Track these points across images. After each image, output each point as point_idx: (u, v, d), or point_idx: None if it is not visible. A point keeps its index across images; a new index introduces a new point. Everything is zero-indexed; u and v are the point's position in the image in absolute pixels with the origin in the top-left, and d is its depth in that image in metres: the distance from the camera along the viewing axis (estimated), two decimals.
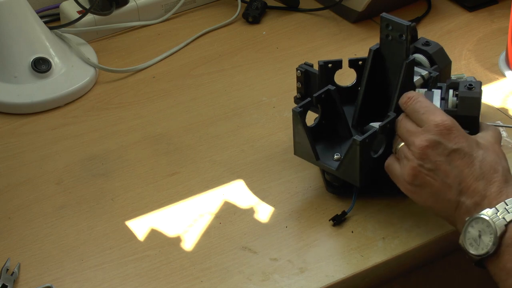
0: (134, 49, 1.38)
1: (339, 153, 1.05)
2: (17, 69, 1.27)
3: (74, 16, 1.37)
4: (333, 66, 1.10)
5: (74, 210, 1.09)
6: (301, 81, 1.12)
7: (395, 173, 0.97)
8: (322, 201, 1.08)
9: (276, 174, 1.12)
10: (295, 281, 0.98)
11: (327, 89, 1.06)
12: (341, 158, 1.04)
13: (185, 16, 1.45)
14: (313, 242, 1.03)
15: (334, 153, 1.05)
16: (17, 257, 1.02)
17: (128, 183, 1.12)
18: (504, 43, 1.32)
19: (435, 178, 0.92)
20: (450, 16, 1.42)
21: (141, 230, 1.06)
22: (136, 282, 0.99)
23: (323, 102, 1.06)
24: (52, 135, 1.21)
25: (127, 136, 1.20)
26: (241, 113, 1.24)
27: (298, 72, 1.11)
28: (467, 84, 1.03)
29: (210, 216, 1.07)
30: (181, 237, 1.04)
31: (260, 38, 1.40)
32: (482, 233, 0.86)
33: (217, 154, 1.16)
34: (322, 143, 1.07)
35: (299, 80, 1.12)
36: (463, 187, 0.90)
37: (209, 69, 1.33)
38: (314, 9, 1.45)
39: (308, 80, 1.11)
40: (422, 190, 0.94)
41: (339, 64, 1.10)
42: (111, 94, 1.29)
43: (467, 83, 1.03)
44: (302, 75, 1.11)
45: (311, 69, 1.11)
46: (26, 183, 1.13)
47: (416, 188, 0.94)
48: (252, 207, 1.08)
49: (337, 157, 1.05)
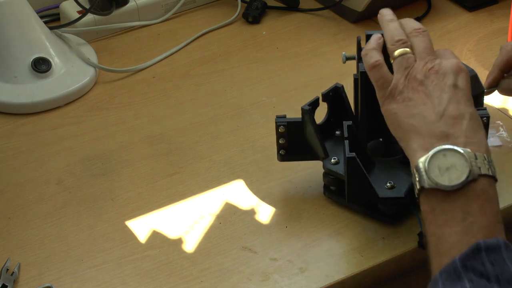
0: (134, 49, 1.38)
1: (391, 181, 1.02)
2: (17, 69, 1.27)
3: (74, 16, 1.37)
4: (313, 106, 1.05)
5: (74, 210, 1.09)
6: (285, 136, 1.06)
7: (382, 74, 0.93)
8: (322, 201, 1.08)
9: (276, 174, 1.12)
10: (295, 281, 0.98)
11: (334, 86, 1.06)
12: (394, 185, 1.02)
13: (185, 16, 1.45)
14: (313, 242, 1.03)
15: (376, 184, 1.02)
16: (17, 257, 1.02)
17: (128, 183, 1.12)
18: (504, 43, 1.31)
19: (427, 97, 0.89)
20: (450, 16, 1.42)
21: (141, 230, 1.06)
22: (136, 282, 0.99)
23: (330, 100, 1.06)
24: (52, 135, 1.21)
25: (127, 136, 1.20)
26: (241, 113, 1.24)
27: (281, 128, 1.05)
28: None
29: (210, 216, 1.07)
30: (181, 237, 1.04)
31: (260, 38, 1.40)
32: (452, 168, 0.85)
33: (217, 154, 1.16)
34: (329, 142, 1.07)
35: (282, 136, 1.06)
36: (448, 117, 0.87)
37: (209, 69, 1.33)
38: (314, 9, 1.45)
39: (289, 131, 1.06)
40: (403, 103, 0.90)
41: (317, 102, 1.06)
42: (111, 94, 1.29)
43: None
44: (286, 129, 1.05)
45: (293, 119, 1.05)
46: (26, 183, 1.13)
47: (398, 97, 0.91)
48: (252, 207, 1.08)
49: (390, 185, 1.02)
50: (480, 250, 0.81)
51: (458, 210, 0.83)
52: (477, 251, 0.80)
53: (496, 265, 0.80)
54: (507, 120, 1.19)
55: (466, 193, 0.84)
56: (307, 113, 1.03)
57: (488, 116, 1.03)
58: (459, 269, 0.80)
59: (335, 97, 1.07)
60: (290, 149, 1.07)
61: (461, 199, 0.84)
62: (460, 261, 0.80)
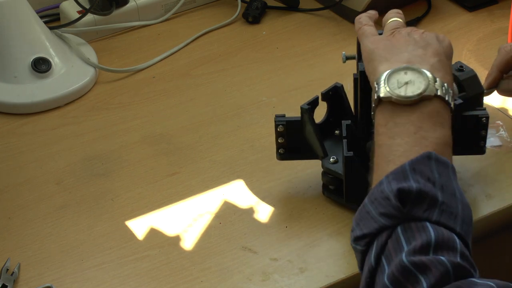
0: (134, 49, 1.38)
1: None
2: (17, 69, 1.27)
3: (74, 16, 1.37)
4: (312, 105, 1.05)
5: (74, 210, 1.09)
6: (284, 135, 1.06)
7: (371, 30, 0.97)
8: (322, 201, 1.08)
9: (276, 174, 1.12)
10: (295, 281, 0.98)
11: (334, 86, 1.06)
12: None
13: (185, 16, 1.45)
14: (313, 242, 1.03)
15: None
16: (17, 257, 1.02)
17: (128, 183, 1.12)
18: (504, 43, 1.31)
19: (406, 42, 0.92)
20: (450, 16, 1.42)
21: (141, 230, 1.06)
22: (136, 282, 0.99)
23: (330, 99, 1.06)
24: (52, 135, 1.21)
25: (127, 136, 1.20)
26: (241, 113, 1.24)
27: (280, 127, 1.05)
28: (456, 67, 1.05)
29: (210, 216, 1.07)
30: (181, 237, 1.04)
31: (260, 38, 1.40)
32: (411, 83, 0.87)
33: (217, 154, 1.16)
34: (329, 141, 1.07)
35: (281, 135, 1.06)
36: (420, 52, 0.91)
37: (209, 69, 1.33)
38: (314, 9, 1.45)
39: (288, 130, 1.06)
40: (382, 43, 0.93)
41: (317, 101, 1.06)
42: (111, 94, 1.29)
43: (456, 66, 1.06)
44: (285, 128, 1.05)
45: (292, 118, 1.05)
46: (26, 183, 1.13)
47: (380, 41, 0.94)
48: (252, 207, 1.08)
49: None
50: (431, 158, 0.82)
51: (411, 124, 0.85)
52: (428, 158, 0.82)
53: (443, 176, 0.82)
54: (507, 120, 1.19)
55: (420, 109, 0.86)
56: (306, 112, 1.04)
57: (487, 116, 1.03)
58: (408, 172, 0.81)
59: (335, 96, 1.07)
60: (289, 148, 1.07)
61: (415, 114, 0.86)
62: (410, 165, 0.81)
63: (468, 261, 0.77)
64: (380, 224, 0.80)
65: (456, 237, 0.79)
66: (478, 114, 1.03)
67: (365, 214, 0.82)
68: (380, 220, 0.80)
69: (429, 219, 0.79)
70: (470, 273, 0.76)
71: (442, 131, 0.85)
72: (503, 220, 1.08)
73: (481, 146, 1.05)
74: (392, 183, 0.80)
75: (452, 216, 0.80)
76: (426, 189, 0.80)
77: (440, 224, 0.79)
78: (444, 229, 0.78)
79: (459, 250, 0.77)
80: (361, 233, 0.81)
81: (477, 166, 1.12)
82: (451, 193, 0.81)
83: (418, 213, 0.79)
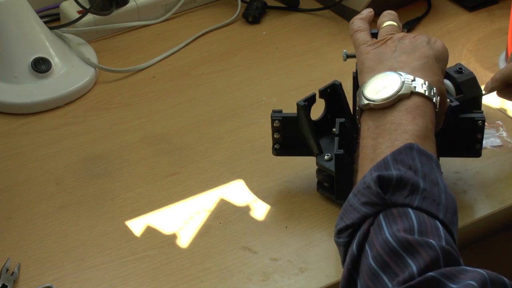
0: (134, 49, 1.38)
1: None
2: (17, 69, 1.27)
3: (74, 16, 1.37)
4: (308, 102, 1.06)
5: (74, 210, 1.09)
6: (279, 130, 1.06)
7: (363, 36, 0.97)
8: (322, 201, 1.08)
9: (276, 174, 1.12)
10: (295, 281, 0.98)
11: (332, 83, 1.06)
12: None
13: (185, 16, 1.45)
14: (313, 242, 1.03)
15: None
16: (17, 257, 1.02)
17: (128, 183, 1.12)
18: (504, 43, 1.32)
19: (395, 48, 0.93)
20: (450, 16, 1.42)
21: (141, 230, 1.06)
22: (136, 282, 0.99)
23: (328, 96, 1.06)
24: (52, 135, 1.21)
25: (127, 136, 1.20)
26: (241, 113, 1.24)
27: (276, 122, 1.05)
28: (455, 69, 1.06)
29: (210, 216, 1.07)
30: (181, 237, 1.04)
31: (260, 38, 1.40)
32: (388, 87, 0.88)
33: (217, 154, 1.16)
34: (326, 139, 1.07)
35: (277, 130, 1.06)
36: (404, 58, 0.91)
37: (209, 69, 1.33)
38: (314, 9, 1.45)
39: (284, 126, 1.07)
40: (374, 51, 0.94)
41: (314, 98, 1.06)
42: (111, 94, 1.29)
43: (454, 68, 1.06)
44: (281, 124, 1.06)
45: (288, 114, 1.06)
46: (26, 183, 1.13)
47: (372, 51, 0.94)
48: (252, 207, 1.08)
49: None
50: (412, 148, 0.83)
51: (391, 123, 0.86)
52: (410, 149, 0.82)
53: (425, 166, 0.82)
54: (507, 120, 1.19)
55: (398, 108, 0.87)
56: (302, 109, 1.04)
57: (484, 120, 1.03)
58: (389, 162, 0.82)
59: (333, 94, 1.07)
60: (285, 144, 1.08)
61: (393, 114, 0.87)
62: (391, 156, 0.82)
63: (454, 249, 0.77)
64: (362, 213, 0.80)
65: (439, 224, 0.78)
66: (475, 116, 1.03)
67: (349, 207, 0.82)
68: (362, 210, 0.80)
69: (410, 205, 0.79)
70: (458, 261, 0.76)
71: (423, 123, 0.86)
72: (503, 220, 1.08)
73: (477, 149, 1.05)
74: (374, 173, 0.80)
75: (434, 204, 0.80)
76: (407, 176, 0.80)
77: (422, 210, 0.79)
78: (426, 216, 0.78)
79: (444, 237, 0.77)
80: (344, 225, 0.81)
81: (477, 166, 1.12)
82: (434, 182, 0.81)
83: (399, 199, 0.79)
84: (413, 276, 0.73)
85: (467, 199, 1.07)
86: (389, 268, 0.75)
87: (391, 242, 0.75)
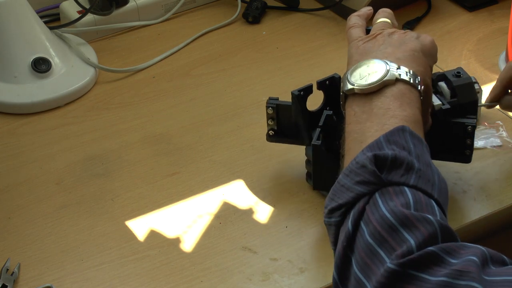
0: (134, 49, 1.38)
1: None
2: (17, 69, 1.27)
3: (74, 16, 1.37)
4: (304, 93, 1.07)
5: (74, 210, 1.09)
6: (273, 117, 1.08)
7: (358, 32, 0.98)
8: (322, 201, 1.08)
9: (276, 174, 1.12)
10: (295, 281, 0.98)
11: (332, 76, 1.07)
12: None
13: (185, 16, 1.45)
14: (313, 242, 1.03)
15: None
16: (17, 257, 1.02)
17: (128, 183, 1.12)
18: (504, 43, 1.32)
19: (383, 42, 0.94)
20: (450, 16, 1.42)
21: (141, 230, 1.06)
22: (136, 282, 0.99)
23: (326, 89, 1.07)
24: (52, 135, 1.21)
25: (127, 136, 1.20)
26: (241, 113, 1.24)
27: (270, 109, 1.07)
28: (454, 72, 1.05)
29: (210, 216, 1.07)
30: (181, 237, 1.04)
31: (260, 38, 1.40)
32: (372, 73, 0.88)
33: (217, 154, 1.16)
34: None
35: (271, 117, 1.08)
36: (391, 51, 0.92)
37: (209, 69, 1.33)
38: (314, 9, 1.45)
39: (279, 114, 1.08)
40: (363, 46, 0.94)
41: (310, 89, 1.07)
42: (111, 94, 1.29)
43: (454, 71, 1.05)
44: (274, 111, 1.07)
45: (283, 102, 1.08)
46: (26, 183, 1.13)
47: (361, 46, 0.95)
48: (252, 207, 1.08)
49: None
50: (405, 130, 0.83)
51: (378, 108, 0.86)
52: (402, 131, 0.83)
53: (417, 147, 0.82)
54: (507, 120, 1.19)
55: (385, 94, 0.87)
56: (295, 98, 1.05)
57: (474, 126, 1.02)
58: (383, 143, 0.81)
59: (332, 87, 1.07)
60: (279, 131, 1.09)
61: (380, 99, 0.87)
62: (384, 137, 0.82)
63: None
64: (356, 192, 0.79)
65: (434, 203, 0.78)
66: (465, 122, 1.02)
67: (340, 188, 0.81)
68: (356, 189, 0.79)
69: (406, 184, 0.79)
70: (456, 237, 0.76)
71: (410, 110, 0.86)
72: (503, 220, 1.08)
73: (466, 155, 1.04)
74: (368, 153, 0.80)
75: (429, 184, 0.80)
76: (402, 155, 0.80)
77: (417, 189, 0.78)
78: (421, 194, 0.78)
79: (439, 216, 0.77)
80: (337, 204, 0.80)
81: (477, 166, 1.12)
82: (427, 164, 0.81)
83: (395, 177, 0.79)
84: (412, 250, 0.73)
85: (467, 199, 1.07)
86: (387, 243, 0.74)
87: (389, 218, 0.75)
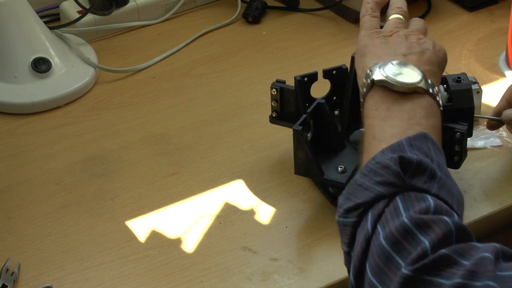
0: (134, 49, 1.38)
1: (342, 165, 1.04)
2: (17, 69, 1.27)
3: (74, 16, 1.37)
4: (309, 79, 1.08)
5: (74, 210, 1.09)
6: (276, 99, 1.10)
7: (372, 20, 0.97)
8: (322, 201, 1.08)
9: (276, 174, 1.12)
10: (295, 281, 0.98)
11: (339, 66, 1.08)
12: (345, 170, 1.04)
13: (185, 16, 1.45)
14: (313, 242, 1.03)
15: (333, 165, 1.05)
16: (17, 257, 1.02)
17: (128, 183, 1.12)
18: (504, 43, 1.32)
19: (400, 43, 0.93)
20: (450, 16, 1.42)
21: (141, 230, 1.06)
22: (136, 282, 0.99)
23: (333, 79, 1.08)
24: (52, 135, 1.21)
25: (127, 136, 1.20)
26: (241, 113, 1.24)
27: (274, 90, 1.10)
28: (454, 77, 1.04)
29: (210, 216, 1.07)
30: (181, 237, 1.04)
31: (260, 38, 1.40)
32: (405, 74, 0.87)
33: (217, 154, 1.16)
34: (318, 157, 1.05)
35: (274, 98, 1.10)
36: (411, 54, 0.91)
37: (209, 69, 1.33)
38: (314, 9, 1.45)
39: (283, 97, 1.10)
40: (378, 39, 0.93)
41: (315, 77, 1.08)
42: (111, 94, 1.29)
43: (454, 76, 1.04)
44: (278, 93, 1.10)
45: (286, 86, 1.09)
46: (26, 183, 1.13)
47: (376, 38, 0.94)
48: (252, 207, 1.08)
49: (341, 169, 1.04)
50: (427, 138, 0.82)
51: (404, 112, 0.84)
52: (424, 138, 0.81)
53: (438, 157, 0.81)
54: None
55: (413, 100, 0.85)
56: (298, 83, 1.06)
57: (463, 132, 1.01)
58: (405, 146, 0.80)
59: (339, 77, 1.07)
60: (281, 114, 1.11)
61: (407, 104, 0.85)
62: (406, 141, 0.81)
63: None
64: (376, 192, 0.77)
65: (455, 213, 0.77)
66: (455, 127, 1.01)
67: (357, 187, 0.79)
68: (376, 189, 0.78)
69: (428, 191, 0.77)
70: (471, 236, 0.75)
71: (435, 121, 0.85)
72: (503, 220, 1.08)
73: (455, 161, 1.03)
74: (389, 154, 0.79)
75: (450, 194, 0.79)
76: (426, 162, 0.79)
77: (439, 198, 0.77)
78: (443, 203, 0.77)
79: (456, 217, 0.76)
80: (354, 204, 0.79)
81: (477, 166, 1.12)
82: (447, 174, 0.81)
83: (418, 183, 0.77)
84: (426, 251, 0.72)
85: (467, 199, 1.07)
86: (401, 246, 0.73)
87: (407, 224, 0.74)
